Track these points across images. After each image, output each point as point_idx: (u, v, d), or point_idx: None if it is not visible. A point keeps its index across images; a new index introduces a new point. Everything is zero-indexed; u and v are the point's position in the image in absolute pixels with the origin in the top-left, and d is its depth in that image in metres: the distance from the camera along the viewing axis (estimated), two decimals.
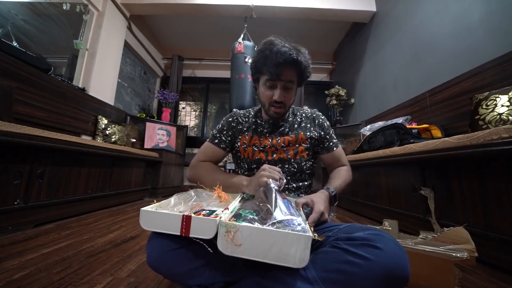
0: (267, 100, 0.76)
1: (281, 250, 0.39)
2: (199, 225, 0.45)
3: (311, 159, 0.83)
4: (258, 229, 0.41)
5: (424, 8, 2.02)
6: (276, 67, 0.68)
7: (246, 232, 0.41)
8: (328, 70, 4.34)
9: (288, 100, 0.75)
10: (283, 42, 0.71)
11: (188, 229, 0.45)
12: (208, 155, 0.85)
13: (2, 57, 1.47)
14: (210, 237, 0.44)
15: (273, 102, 0.74)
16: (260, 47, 0.74)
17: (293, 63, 0.68)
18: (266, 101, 0.76)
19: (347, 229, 0.51)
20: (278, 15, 3.06)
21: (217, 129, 0.86)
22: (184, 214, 0.46)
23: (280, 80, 0.71)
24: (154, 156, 2.62)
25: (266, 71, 0.71)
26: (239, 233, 0.41)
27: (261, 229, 0.41)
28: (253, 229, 0.41)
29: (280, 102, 0.74)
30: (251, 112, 0.89)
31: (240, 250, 0.41)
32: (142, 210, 0.48)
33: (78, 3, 2.34)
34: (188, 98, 4.56)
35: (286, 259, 0.39)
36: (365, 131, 2.22)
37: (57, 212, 1.40)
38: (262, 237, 0.40)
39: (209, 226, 0.44)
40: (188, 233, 0.45)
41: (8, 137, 1.04)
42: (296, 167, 0.78)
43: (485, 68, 1.42)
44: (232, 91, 2.51)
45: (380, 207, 1.65)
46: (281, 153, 0.78)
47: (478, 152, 0.88)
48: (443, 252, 0.65)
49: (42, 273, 0.74)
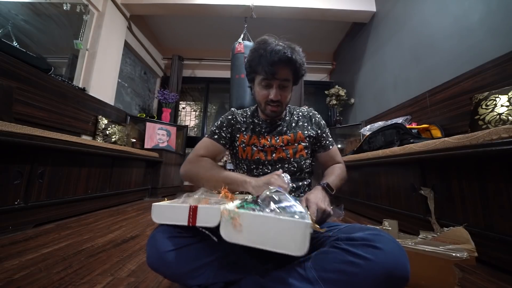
0: (263, 99, 0.75)
1: (280, 237, 0.40)
2: (204, 214, 0.47)
3: (310, 158, 0.84)
4: (258, 216, 0.43)
5: (424, 8, 2.02)
6: (271, 66, 0.68)
7: (247, 219, 0.43)
8: (328, 70, 4.34)
9: (284, 98, 0.75)
10: (277, 41, 0.71)
11: (195, 218, 0.48)
12: (209, 149, 0.81)
13: (2, 57, 1.47)
14: (215, 224, 0.45)
15: (269, 101, 0.74)
16: (254, 46, 0.73)
17: (287, 61, 0.68)
18: (262, 100, 0.76)
19: (347, 229, 0.51)
20: (278, 15, 3.06)
21: (216, 126, 0.84)
22: (191, 205, 0.49)
23: (276, 79, 0.71)
24: (154, 156, 2.62)
25: (261, 71, 0.70)
26: (240, 219, 0.43)
27: (261, 216, 0.43)
28: (253, 215, 0.43)
29: (277, 101, 0.73)
30: (248, 112, 0.89)
31: (241, 238, 0.42)
32: (154, 205, 0.53)
33: (78, 3, 2.34)
34: (188, 98, 4.56)
35: (285, 246, 0.40)
36: (365, 131, 2.22)
37: (57, 212, 1.40)
38: (262, 224, 0.42)
39: (213, 214, 0.46)
40: (195, 222, 0.47)
41: (8, 137, 1.04)
42: (296, 166, 0.78)
43: (485, 68, 1.42)
44: (232, 91, 2.51)
45: (380, 207, 1.65)
46: (280, 152, 0.78)
47: (478, 152, 0.88)
48: (443, 252, 0.65)
49: (42, 273, 0.74)
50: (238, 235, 0.43)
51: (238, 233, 0.43)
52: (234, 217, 0.43)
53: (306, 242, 0.39)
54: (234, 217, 0.43)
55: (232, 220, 0.43)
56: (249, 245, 0.42)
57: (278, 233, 0.40)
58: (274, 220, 0.41)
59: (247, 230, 0.42)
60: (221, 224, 0.44)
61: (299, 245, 0.39)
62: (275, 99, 0.73)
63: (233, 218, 0.43)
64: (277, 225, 0.41)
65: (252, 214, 0.43)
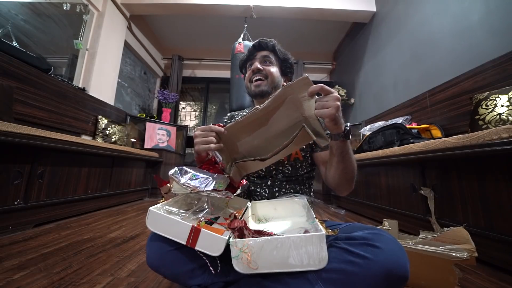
0: (248, 79, 0.81)
1: (297, 255, 0.39)
2: (207, 240, 0.43)
3: (309, 161, 0.77)
4: (270, 240, 0.40)
5: (424, 8, 2.02)
6: (253, 49, 0.80)
7: (259, 247, 0.40)
8: (328, 70, 4.34)
9: (268, 71, 0.77)
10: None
11: (195, 241, 0.44)
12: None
13: (2, 57, 1.47)
14: (217, 254, 0.43)
15: (252, 75, 0.78)
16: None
17: (265, 44, 0.79)
18: (247, 81, 0.81)
19: (346, 229, 0.51)
20: (278, 15, 3.06)
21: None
22: (193, 225, 0.45)
23: (256, 57, 0.80)
24: (154, 156, 2.62)
25: (248, 60, 0.81)
26: (251, 249, 0.40)
27: (273, 239, 0.40)
28: (265, 241, 0.40)
29: (258, 71, 0.77)
30: (246, 110, 0.92)
31: (257, 268, 0.40)
32: (150, 210, 0.47)
33: (78, 3, 2.34)
34: (188, 98, 4.56)
35: (304, 263, 0.39)
36: (365, 131, 2.22)
37: (57, 212, 1.40)
38: (276, 247, 0.39)
39: (218, 243, 0.42)
40: (194, 245, 0.44)
41: (8, 137, 1.04)
42: (290, 170, 0.75)
43: (485, 68, 1.42)
44: (232, 91, 2.51)
45: (380, 207, 1.65)
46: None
47: (478, 152, 0.88)
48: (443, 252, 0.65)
49: (42, 273, 0.74)
50: (253, 266, 0.40)
51: (252, 264, 0.40)
52: (245, 251, 0.40)
53: (324, 253, 0.38)
54: (245, 251, 0.40)
55: (246, 254, 0.40)
56: (267, 271, 0.40)
57: (294, 251, 0.39)
58: (287, 240, 0.39)
59: (261, 259, 0.40)
60: (233, 260, 0.41)
61: (318, 258, 0.38)
62: (255, 69, 0.77)
63: (245, 252, 0.40)
64: (292, 244, 0.39)
65: (263, 240, 0.40)
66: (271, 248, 0.40)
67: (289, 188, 0.75)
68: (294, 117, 0.56)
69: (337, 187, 0.64)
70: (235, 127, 0.58)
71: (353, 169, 0.60)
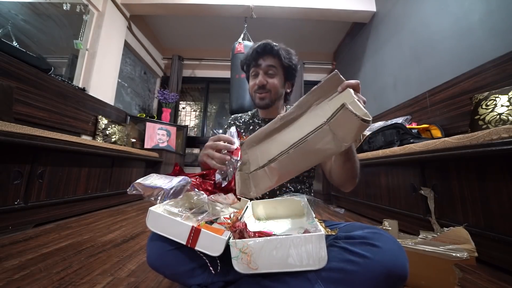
0: (252, 89, 0.80)
1: (297, 255, 0.39)
2: (206, 241, 0.44)
3: None
4: (270, 240, 0.40)
5: (424, 8, 2.02)
6: (256, 54, 0.77)
7: (259, 247, 0.40)
8: (328, 70, 4.34)
9: (272, 85, 0.77)
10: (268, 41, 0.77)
11: (195, 241, 0.44)
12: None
13: (2, 57, 1.47)
14: (217, 254, 0.43)
15: (256, 88, 0.78)
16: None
17: (270, 50, 0.76)
18: (252, 91, 0.80)
19: (346, 228, 0.51)
20: (278, 15, 3.06)
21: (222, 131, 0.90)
22: (193, 225, 0.45)
23: (261, 66, 0.77)
24: (154, 156, 2.62)
25: (250, 62, 0.79)
26: (251, 249, 0.40)
27: (273, 239, 0.41)
28: (265, 241, 0.41)
29: (262, 87, 0.77)
30: (249, 113, 0.92)
31: (257, 268, 0.41)
32: (150, 210, 0.47)
33: (78, 3, 2.34)
34: (188, 98, 4.56)
35: (303, 263, 0.39)
36: (365, 131, 2.22)
37: (57, 212, 1.40)
38: (276, 248, 0.40)
39: (217, 244, 0.43)
40: (194, 245, 0.44)
41: (8, 137, 1.04)
42: None
43: (485, 68, 1.42)
44: (232, 91, 2.50)
45: (380, 207, 1.65)
46: None
47: (478, 152, 0.88)
48: (443, 252, 0.65)
49: (42, 273, 0.74)
50: (253, 266, 0.40)
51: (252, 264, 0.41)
52: (245, 252, 0.41)
53: (324, 252, 0.39)
54: (245, 252, 0.41)
55: (246, 255, 0.41)
56: (267, 271, 0.40)
57: (295, 251, 0.39)
58: (288, 240, 0.40)
59: (261, 259, 0.40)
60: (233, 260, 0.41)
61: (318, 258, 0.38)
62: (260, 84, 0.76)
63: (245, 252, 0.41)
64: (291, 244, 0.39)
65: (263, 240, 0.41)
66: (271, 248, 0.40)
67: (289, 187, 0.76)
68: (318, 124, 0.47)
69: (343, 184, 0.67)
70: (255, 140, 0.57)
71: (357, 167, 0.64)
